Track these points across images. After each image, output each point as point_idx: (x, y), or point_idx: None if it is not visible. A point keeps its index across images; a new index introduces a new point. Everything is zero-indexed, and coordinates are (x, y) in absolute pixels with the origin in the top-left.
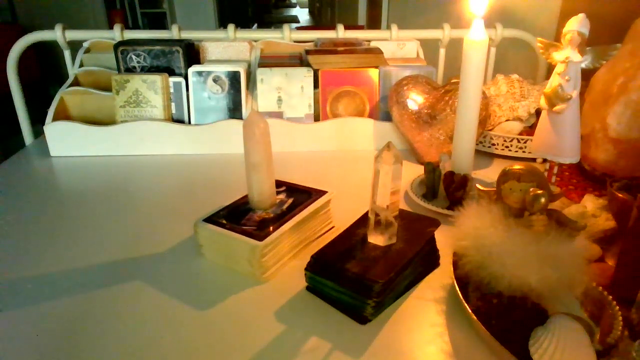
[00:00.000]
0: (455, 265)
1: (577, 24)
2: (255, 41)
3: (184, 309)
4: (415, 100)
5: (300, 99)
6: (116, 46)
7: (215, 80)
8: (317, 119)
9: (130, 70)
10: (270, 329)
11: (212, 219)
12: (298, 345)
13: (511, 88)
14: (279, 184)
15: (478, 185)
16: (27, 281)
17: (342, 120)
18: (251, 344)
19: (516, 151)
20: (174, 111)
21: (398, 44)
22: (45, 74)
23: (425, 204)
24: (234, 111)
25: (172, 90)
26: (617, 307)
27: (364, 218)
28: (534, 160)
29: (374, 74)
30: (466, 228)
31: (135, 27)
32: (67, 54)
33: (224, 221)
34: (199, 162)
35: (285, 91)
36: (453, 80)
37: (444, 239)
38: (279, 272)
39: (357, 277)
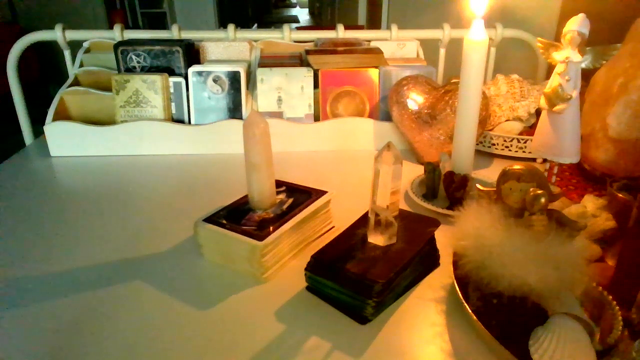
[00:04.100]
0: (455, 265)
1: (577, 24)
2: (255, 41)
3: (184, 308)
4: (415, 100)
5: (300, 99)
6: (116, 46)
7: (215, 80)
8: (317, 119)
9: (130, 70)
10: (270, 329)
11: (212, 219)
12: (298, 345)
13: (511, 88)
14: (279, 184)
15: (478, 185)
16: (28, 281)
17: (342, 120)
18: (251, 344)
19: (516, 151)
20: (174, 111)
21: (398, 44)
22: (45, 74)
23: (425, 204)
24: (234, 111)
25: (172, 90)
26: (617, 307)
27: (364, 218)
28: (534, 160)
29: (374, 74)
30: (466, 228)
31: (135, 27)
32: (67, 54)
33: (224, 221)
34: (199, 162)
35: (285, 91)
36: (453, 80)
37: (444, 239)
38: (279, 272)
39: (357, 277)
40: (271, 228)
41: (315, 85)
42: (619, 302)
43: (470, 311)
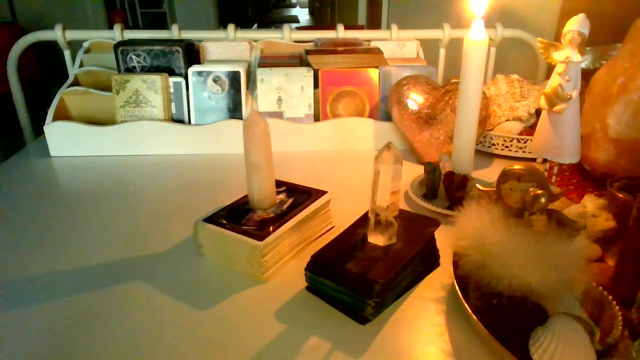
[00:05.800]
0: (455, 265)
1: (577, 24)
2: (255, 41)
3: (184, 309)
4: (415, 100)
5: (300, 99)
6: (116, 46)
7: (215, 80)
8: (317, 119)
9: (130, 70)
10: (270, 329)
11: (212, 219)
12: (298, 345)
13: (511, 88)
14: (279, 184)
15: (478, 185)
16: (28, 281)
17: (342, 120)
18: (251, 343)
19: (516, 151)
20: (174, 111)
21: (398, 44)
22: (45, 74)
23: (425, 204)
24: (234, 111)
25: (172, 90)
26: (617, 307)
27: (364, 218)
28: (534, 160)
29: (374, 74)
30: (466, 228)
31: (135, 27)
32: (67, 54)
33: (224, 221)
34: (199, 162)
35: (285, 91)
36: (453, 80)
37: (444, 239)
38: (279, 272)
39: (357, 277)
40: (271, 228)
41: (315, 85)
42: (619, 302)
43: (470, 311)
